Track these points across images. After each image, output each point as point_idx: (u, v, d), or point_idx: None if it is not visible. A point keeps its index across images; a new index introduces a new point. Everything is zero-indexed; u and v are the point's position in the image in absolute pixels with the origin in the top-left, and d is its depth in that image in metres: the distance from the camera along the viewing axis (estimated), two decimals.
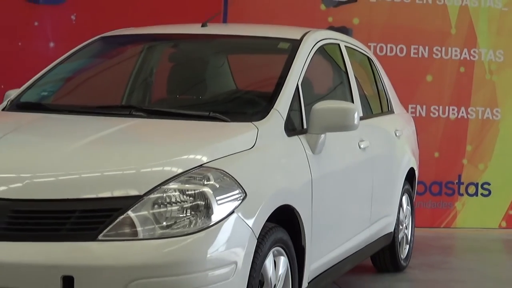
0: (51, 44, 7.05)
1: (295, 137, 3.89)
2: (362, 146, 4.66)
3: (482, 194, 7.70)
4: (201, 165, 3.24)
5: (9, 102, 4.35)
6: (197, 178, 3.15)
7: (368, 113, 5.07)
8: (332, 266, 4.31)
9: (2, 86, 5.16)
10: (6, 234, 3.01)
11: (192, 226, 3.03)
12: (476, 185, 7.70)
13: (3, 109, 4.30)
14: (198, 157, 3.30)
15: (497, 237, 7.44)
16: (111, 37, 4.91)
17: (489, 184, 7.69)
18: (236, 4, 7.25)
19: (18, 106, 4.29)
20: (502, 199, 7.71)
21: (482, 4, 7.61)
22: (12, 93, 4.45)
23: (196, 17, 5.40)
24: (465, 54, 7.63)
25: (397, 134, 5.54)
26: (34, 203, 3.08)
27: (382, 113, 5.52)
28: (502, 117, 7.68)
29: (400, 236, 5.64)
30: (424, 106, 7.60)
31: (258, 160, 3.52)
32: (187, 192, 3.09)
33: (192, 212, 3.06)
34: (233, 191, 3.19)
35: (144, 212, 3.02)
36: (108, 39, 4.89)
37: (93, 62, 4.84)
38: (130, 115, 3.95)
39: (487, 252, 6.86)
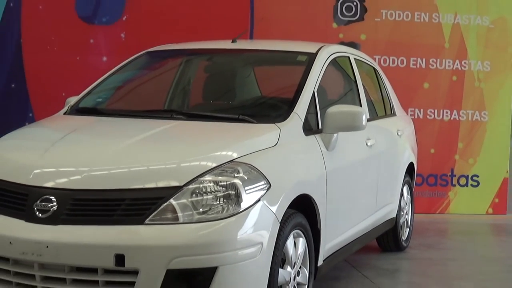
0: (104, 58, 7.08)
1: (312, 136, 3.88)
2: (369, 144, 4.65)
3: (471, 185, 7.66)
4: (232, 160, 3.25)
5: (69, 107, 4.38)
6: (229, 171, 3.16)
7: (374, 116, 5.06)
8: (343, 246, 4.31)
9: (64, 94, 5.18)
10: (68, 219, 3.05)
11: (224, 212, 3.05)
12: (467, 177, 7.66)
13: (64, 113, 4.33)
14: (229, 153, 3.31)
15: (484, 222, 7.39)
16: (155, 52, 4.93)
17: (477, 176, 7.65)
18: (260, 23, 7.25)
19: (77, 110, 4.31)
20: (489, 189, 7.68)
21: (471, 22, 7.58)
22: (72, 100, 4.48)
23: (226, 34, 5.40)
24: (457, 65, 7.59)
25: (398, 134, 5.53)
26: (91, 192, 3.11)
27: (385, 115, 5.50)
28: (489, 119, 7.64)
29: (401, 220, 5.62)
30: (422, 110, 7.57)
31: (280, 155, 3.52)
32: (220, 183, 3.10)
33: (224, 200, 3.07)
34: (259, 182, 3.19)
35: (184, 200, 3.04)
36: (152, 53, 4.91)
37: (139, 73, 4.87)
38: (171, 118, 3.95)
39: (476, 234, 6.82)
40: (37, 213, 3.08)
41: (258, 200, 3.14)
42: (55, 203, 3.07)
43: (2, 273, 3.19)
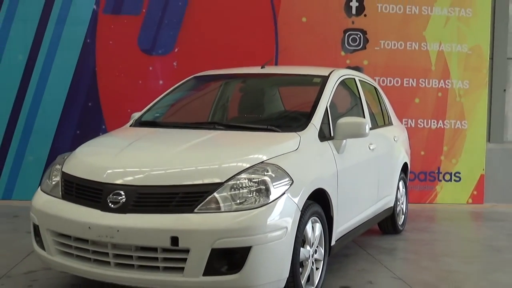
0: (160, 82, 7.11)
1: (325, 142, 3.88)
2: (371, 148, 4.63)
3: (454, 180, 7.59)
4: (262, 161, 3.26)
5: (134, 121, 4.43)
6: (260, 170, 3.17)
7: (375, 125, 5.03)
8: (351, 229, 4.29)
9: (129, 110, 5.22)
10: (134, 209, 3.08)
11: (256, 203, 3.06)
12: (450, 174, 7.59)
13: (130, 125, 4.38)
14: (260, 156, 3.32)
15: (465, 210, 7.32)
16: (201, 76, 4.96)
17: (459, 173, 7.59)
18: (283, 53, 7.27)
19: (140, 123, 4.36)
20: (469, 184, 7.61)
21: (453, 49, 7.52)
22: (136, 115, 4.52)
23: (256, 61, 5.42)
24: (441, 83, 7.54)
25: (395, 139, 5.49)
26: (152, 188, 3.14)
27: (384, 125, 5.46)
28: (468, 127, 7.58)
29: (398, 209, 5.58)
30: (413, 120, 7.53)
31: (301, 158, 3.52)
32: (253, 180, 3.11)
33: (256, 194, 3.08)
34: (284, 179, 3.19)
35: (225, 194, 3.05)
36: (199, 77, 4.94)
37: (188, 93, 4.88)
38: (214, 129, 3.98)
39: (459, 220, 6.76)
40: (110, 204, 3.12)
41: (283, 193, 3.15)
42: (123, 196, 3.11)
43: (82, 251, 3.23)
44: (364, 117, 4.69)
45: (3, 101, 6.99)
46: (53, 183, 3.55)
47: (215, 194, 3.04)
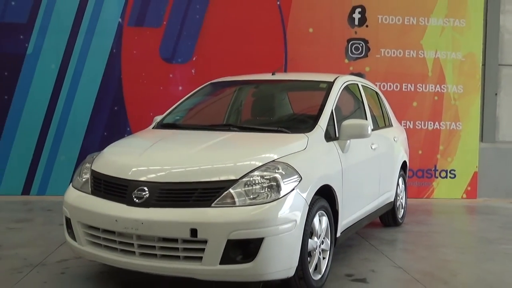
0: (180, 88, 7.13)
1: (331, 142, 3.86)
2: (373, 147, 4.61)
3: (450, 177, 7.55)
4: (273, 160, 3.25)
5: (156, 123, 4.43)
6: (271, 168, 3.16)
7: (376, 127, 5.00)
8: (355, 222, 4.27)
9: (151, 114, 5.23)
10: (156, 203, 3.08)
11: (268, 198, 3.04)
12: (446, 171, 7.55)
13: (152, 128, 4.38)
14: (271, 155, 3.31)
15: (460, 204, 7.27)
16: (217, 83, 4.96)
17: (454, 170, 7.55)
18: (292, 61, 7.25)
19: (162, 125, 4.36)
20: (463, 180, 7.57)
21: (448, 57, 7.49)
22: (158, 118, 4.52)
23: (267, 69, 5.42)
24: (437, 88, 7.50)
25: (395, 140, 5.46)
26: (173, 184, 3.14)
27: (385, 126, 5.43)
28: (462, 128, 7.54)
29: (397, 203, 5.54)
30: (412, 121, 7.49)
31: (309, 156, 3.50)
32: (265, 177, 3.10)
33: (268, 189, 3.07)
34: (293, 176, 3.18)
35: (239, 189, 3.04)
36: (215, 83, 4.94)
37: (205, 98, 4.88)
38: (229, 130, 3.97)
39: (454, 213, 6.71)
40: (135, 199, 3.13)
41: (293, 189, 3.13)
42: (147, 192, 3.12)
43: (110, 242, 3.24)
44: (367, 119, 4.66)
45: (37, 106, 7.04)
46: (83, 180, 3.57)
47: (231, 190, 3.04)
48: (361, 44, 7.40)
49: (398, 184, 5.51)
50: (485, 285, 3.78)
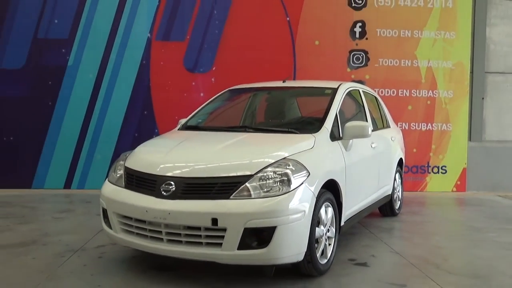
0: (201, 94, 7.14)
1: (336, 141, 3.85)
2: (373, 146, 4.59)
3: (441, 172, 7.48)
4: (284, 157, 3.25)
5: (181, 125, 4.45)
6: (283, 165, 3.16)
7: (375, 128, 4.97)
8: (357, 213, 4.25)
9: (176, 117, 5.26)
10: (182, 196, 3.10)
11: (280, 191, 3.04)
12: (438, 167, 7.48)
13: (178, 129, 4.40)
14: (283, 153, 3.30)
15: (450, 197, 7.20)
16: (234, 89, 4.95)
17: (445, 166, 7.48)
18: (300, 70, 7.24)
19: (186, 127, 4.37)
20: (453, 175, 7.48)
21: (439, 65, 7.40)
22: (182, 121, 4.53)
23: (279, 77, 5.41)
24: (430, 93, 7.44)
25: (392, 139, 5.43)
26: (196, 179, 3.14)
27: (383, 127, 5.40)
28: (452, 129, 7.46)
29: (394, 196, 5.50)
30: (407, 123, 7.42)
31: (315, 154, 3.49)
32: (277, 172, 3.10)
33: (280, 183, 3.07)
34: (302, 171, 3.18)
35: (254, 184, 3.05)
36: (232, 90, 4.94)
37: (224, 103, 4.88)
38: (245, 131, 3.97)
39: (445, 205, 6.64)
40: (163, 192, 3.14)
41: (302, 183, 3.13)
42: (173, 186, 3.13)
43: (141, 230, 3.26)
44: (367, 121, 4.63)
45: (77, 111, 7.09)
46: (118, 175, 3.59)
47: (247, 184, 3.04)
48: (361, 55, 7.36)
49: (395, 179, 5.47)
50: (473, 268, 3.74)
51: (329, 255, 3.52)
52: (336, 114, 4.02)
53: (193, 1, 7.18)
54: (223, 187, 3.05)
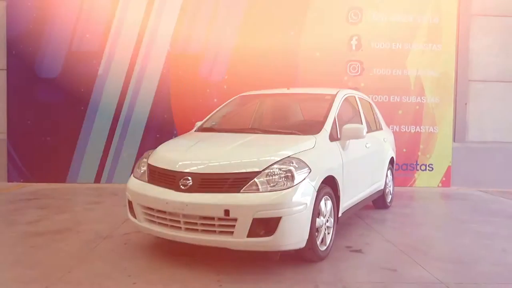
0: (215, 100, 7.14)
1: (334, 142, 3.84)
2: (367, 146, 4.57)
3: (428, 170, 7.43)
4: (289, 156, 3.25)
5: (197, 127, 4.46)
6: (287, 162, 3.16)
7: (369, 130, 4.95)
8: (353, 205, 4.24)
9: (193, 120, 5.26)
10: (198, 190, 3.10)
11: (284, 185, 3.05)
12: (426, 165, 7.43)
13: (194, 131, 4.41)
14: (287, 152, 3.31)
15: (436, 191, 7.14)
16: (244, 95, 4.96)
17: (432, 164, 7.42)
18: (303, 78, 7.22)
19: (202, 129, 4.38)
20: (439, 172, 7.43)
21: (427, 74, 7.36)
22: (199, 123, 4.54)
23: (284, 85, 5.39)
24: (418, 99, 7.38)
25: (384, 140, 5.40)
26: (210, 175, 3.15)
27: (376, 129, 5.38)
28: (438, 131, 7.41)
29: (386, 191, 5.47)
30: (398, 126, 7.38)
31: (316, 153, 3.49)
32: (282, 169, 3.10)
33: (285, 179, 3.07)
34: (304, 168, 3.18)
35: (262, 179, 3.05)
36: (242, 96, 4.94)
37: (235, 108, 4.89)
38: (254, 133, 3.97)
39: (432, 199, 6.59)
40: (181, 186, 3.15)
41: (304, 179, 3.13)
42: (190, 181, 3.14)
43: (162, 219, 3.28)
44: (362, 124, 4.62)
45: (106, 116, 7.13)
46: (142, 171, 3.61)
47: (255, 179, 3.04)
48: (357, 65, 7.33)
49: (387, 175, 5.44)
50: (457, 255, 3.71)
51: (328, 243, 3.51)
52: (335, 118, 4.01)
53: (208, 18, 7.18)
54: (235, 182, 3.05)
